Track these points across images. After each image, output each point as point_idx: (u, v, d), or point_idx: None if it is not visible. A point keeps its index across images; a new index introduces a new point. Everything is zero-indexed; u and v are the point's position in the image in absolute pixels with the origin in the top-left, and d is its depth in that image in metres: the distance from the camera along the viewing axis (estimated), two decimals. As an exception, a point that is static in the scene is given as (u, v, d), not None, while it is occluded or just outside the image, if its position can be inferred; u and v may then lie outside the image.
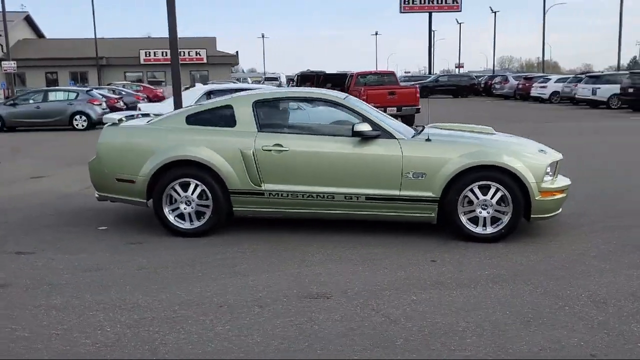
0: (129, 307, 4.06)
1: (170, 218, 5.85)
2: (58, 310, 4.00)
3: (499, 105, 31.69)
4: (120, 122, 6.18)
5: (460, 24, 73.14)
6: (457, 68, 76.87)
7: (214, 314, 3.91)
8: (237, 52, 52.99)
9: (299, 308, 4.01)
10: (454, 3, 53.16)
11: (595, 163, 10.40)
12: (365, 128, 5.59)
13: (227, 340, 3.52)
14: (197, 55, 48.89)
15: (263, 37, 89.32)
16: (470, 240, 5.52)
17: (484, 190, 5.51)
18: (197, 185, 5.77)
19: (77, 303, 4.13)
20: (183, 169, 5.79)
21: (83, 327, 3.72)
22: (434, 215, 5.64)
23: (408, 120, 16.98)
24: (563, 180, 5.83)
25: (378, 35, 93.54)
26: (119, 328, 3.70)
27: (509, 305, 4.01)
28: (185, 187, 5.79)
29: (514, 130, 7.44)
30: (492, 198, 5.50)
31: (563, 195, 5.72)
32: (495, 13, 62.49)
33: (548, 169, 5.59)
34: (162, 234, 5.91)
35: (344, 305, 4.04)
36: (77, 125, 19.51)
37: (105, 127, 6.15)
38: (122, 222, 6.54)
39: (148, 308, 4.03)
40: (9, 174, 10.27)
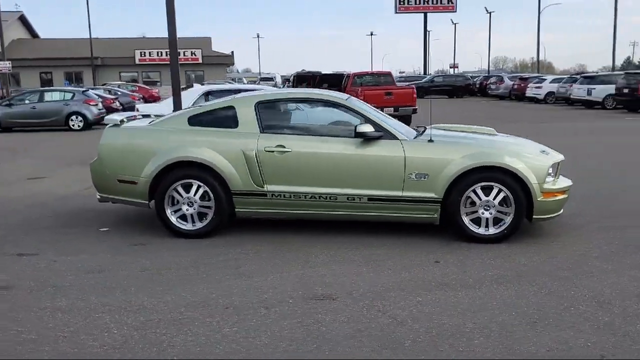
0: (135, 309, 4.05)
1: (173, 219, 5.84)
2: (63, 313, 3.99)
3: (495, 106, 31.76)
4: (122, 123, 6.17)
5: (455, 25, 73.38)
6: (451, 68, 77.03)
7: (220, 316, 3.91)
8: (232, 52, 52.98)
9: (305, 309, 4.01)
10: (449, 3, 53.30)
11: (592, 163, 10.44)
12: (368, 129, 5.60)
13: (234, 342, 3.51)
14: (192, 56, 48.76)
15: (258, 37, 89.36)
16: (473, 241, 5.54)
17: (487, 191, 5.53)
18: (199, 187, 5.76)
19: (82, 305, 4.12)
20: (185, 170, 5.77)
21: (90, 329, 3.71)
22: (437, 216, 5.64)
23: (405, 121, 16.96)
24: (564, 181, 5.85)
25: (373, 36, 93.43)
26: (126, 330, 3.69)
27: (515, 306, 4.02)
28: (188, 188, 5.78)
29: (510, 131, 7.46)
30: (494, 199, 5.52)
31: (564, 196, 5.74)
32: (490, 14, 62.66)
33: (550, 170, 5.61)
34: (163, 235, 5.89)
35: (350, 307, 4.05)
36: (73, 126, 19.45)
37: (107, 128, 6.12)
38: (123, 223, 6.52)
39: (154, 310, 4.03)
40: (7, 175, 10.22)
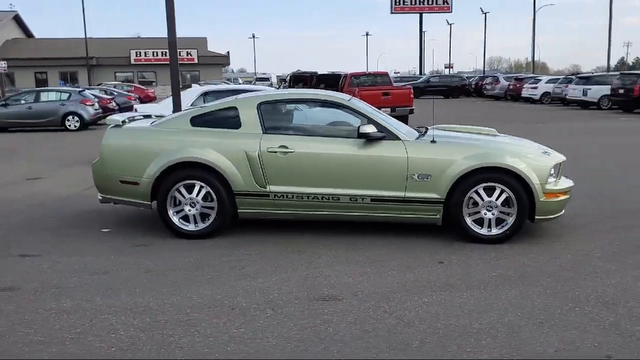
0: (141, 310, 4.04)
1: (175, 220, 5.83)
2: (69, 314, 3.98)
3: (490, 106, 31.82)
4: (124, 123, 6.15)
5: (451, 25, 73.51)
6: (446, 68, 77.22)
7: (227, 317, 3.90)
8: (228, 52, 52.92)
9: (312, 310, 4.01)
10: (445, 4, 53.38)
11: (590, 164, 10.47)
12: (371, 130, 5.61)
13: (242, 343, 3.51)
14: (188, 56, 48.66)
15: (254, 37, 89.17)
16: (475, 242, 5.55)
17: (489, 192, 5.54)
18: (201, 187, 5.75)
19: (87, 306, 4.11)
20: (188, 171, 5.77)
21: (96, 330, 3.71)
22: (439, 217, 5.65)
23: (402, 121, 16.96)
24: (566, 182, 5.87)
25: (368, 36, 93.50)
26: (133, 331, 3.69)
27: (520, 307, 4.04)
28: (190, 188, 5.77)
29: (506, 131, 7.46)
30: (497, 199, 5.53)
31: (566, 197, 5.77)
32: (486, 14, 62.82)
33: (552, 171, 5.63)
34: (165, 236, 5.88)
35: (356, 307, 4.05)
36: (69, 126, 19.37)
37: (109, 128, 6.11)
38: (124, 224, 6.50)
39: (160, 311, 4.02)
40: (5, 175, 10.17)
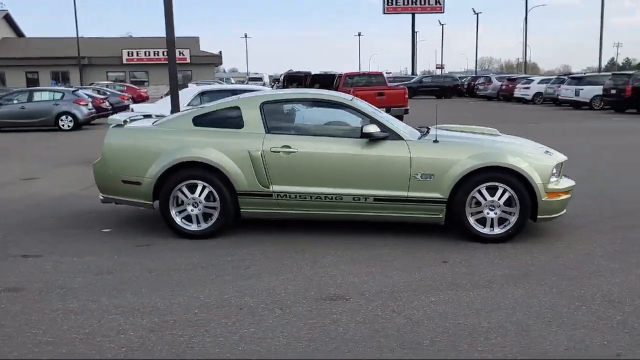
0: (148, 310, 4.02)
1: (177, 220, 5.81)
2: (76, 314, 3.95)
3: (483, 106, 31.94)
4: (126, 123, 6.13)
5: (443, 25, 73.72)
6: (438, 69, 77.41)
7: (236, 317, 3.90)
8: (220, 52, 52.80)
9: (320, 310, 4.01)
10: (437, 4, 53.56)
11: (585, 164, 10.50)
12: (374, 129, 5.61)
13: (253, 343, 3.50)
14: (180, 55, 48.21)
15: (246, 37, 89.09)
16: (478, 241, 5.57)
17: (492, 192, 5.56)
18: (204, 187, 5.74)
19: (94, 307, 4.09)
20: (190, 171, 5.75)
21: (105, 331, 3.69)
22: (442, 216, 5.67)
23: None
24: (567, 181, 5.90)
25: (360, 36, 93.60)
26: (142, 332, 3.67)
27: (527, 306, 4.06)
28: (193, 188, 5.76)
29: (499, 131, 7.46)
30: (499, 199, 5.55)
31: (568, 196, 5.80)
32: (478, 15, 63.04)
33: (554, 170, 5.66)
34: (167, 236, 5.86)
35: (364, 307, 4.05)
36: (63, 126, 19.24)
37: (111, 128, 6.08)
38: (125, 224, 6.47)
39: (167, 311, 4.01)
40: (0, 176, 10.09)
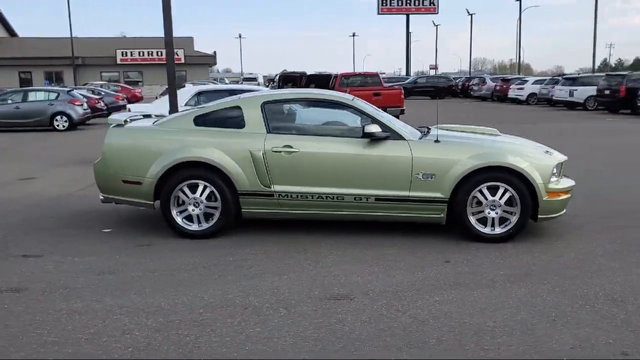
0: (153, 310, 4.01)
1: (179, 220, 5.80)
2: (80, 315, 3.94)
3: (477, 107, 32.03)
4: (126, 123, 6.11)
5: (437, 26, 73.86)
6: (431, 69, 77.51)
7: (241, 316, 3.89)
8: (214, 52, 52.73)
9: (325, 309, 4.01)
10: (431, 5, 53.73)
11: (580, 164, 10.52)
12: (376, 129, 5.62)
13: (260, 343, 3.50)
14: (174, 55, 48.25)
15: (240, 37, 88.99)
16: (479, 241, 5.58)
17: (493, 191, 5.58)
18: (205, 187, 5.73)
19: (98, 307, 4.07)
20: (191, 171, 5.74)
21: (110, 331, 3.68)
22: (443, 216, 5.68)
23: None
24: (567, 181, 5.93)
25: (354, 37, 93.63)
26: (148, 332, 3.66)
27: (531, 305, 4.07)
28: (194, 188, 5.75)
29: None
30: (500, 199, 5.57)
31: (568, 196, 5.83)
32: (472, 15, 63.21)
33: (554, 170, 5.69)
34: (167, 236, 5.85)
35: (369, 307, 4.06)
36: (57, 126, 19.15)
37: (111, 128, 6.06)
38: (125, 224, 6.45)
39: (172, 311, 4.00)
40: (-3, 176, 10.05)
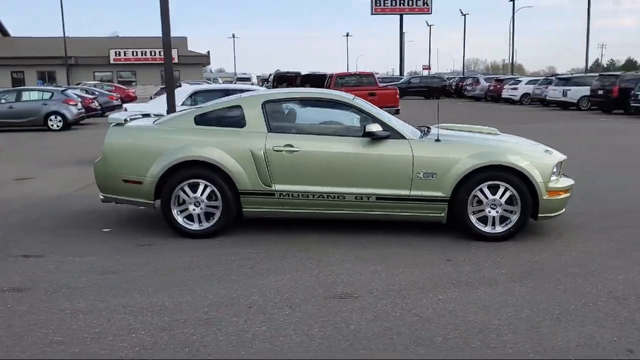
0: (157, 309, 4.00)
1: (179, 219, 5.79)
2: (85, 314, 3.93)
3: (471, 107, 32.11)
4: (126, 122, 6.09)
5: (431, 26, 74.07)
6: (424, 69, 77.65)
7: (246, 315, 3.89)
8: (208, 52, 52.65)
9: (330, 308, 4.01)
10: (425, 5, 53.80)
11: (577, 164, 10.58)
12: (377, 128, 5.63)
13: (267, 342, 3.50)
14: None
15: (234, 37, 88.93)
16: (480, 240, 5.60)
17: (493, 190, 5.60)
18: (206, 186, 5.72)
19: (102, 306, 4.06)
20: (192, 170, 5.73)
21: (116, 330, 3.66)
22: (444, 215, 5.70)
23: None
24: (567, 180, 5.96)
25: (347, 37, 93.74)
26: (154, 331, 3.65)
27: (535, 303, 4.09)
28: (194, 188, 5.74)
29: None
30: (501, 197, 5.59)
31: (568, 195, 5.86)
32: (465, 16, 63.42)
33: (554, 169, 5.71)
34: (167, 236, 5.84)
35: (373, 305, 4.06)
36: (52, 126, 19.06)
37: (111, 127, 6.04)
38: (124, 224, 6.43)
39: (177, 310, 3.99)
40: (-7, 176, 9.99)
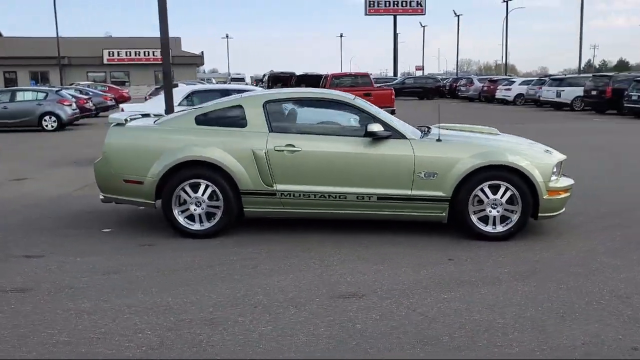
0: (162, 309, 4.00)
1: (180, 219, 5.78)
2: (89, 314, 3.91)
3: (465, 107, 32.19)
4: (126, 122, 6.07)
5: (424, 27, 74.22)
6: (417, 70, 77.82)
7: (252, 315, 3.89)
8: (202, 52, 52.56)
9: (335, 307, 4.02)
10: (418, 6, 53.83)
11: (573, 164, 10.61)
12: (378, 128, 5.64)
13: (274, 341, 3.50)
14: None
15: (227, 37, 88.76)
16: (481, 239, 5.62)
17: (494, 190, 5.62)
18: (207, 186, 5.71)
19: (106, 306, 4.05)
20: (193, 170, 5.72)
21: (122, 330, 3.66)
22: (445, 215, 5.72)
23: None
24: (567, 180, 5.99)
25: (339, 38, 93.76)
26: (160, 331, 3.65)
27: (539, 302, 4.11)
28: (196, 188, 5.73)
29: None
30: (501, 197, 5.62)
31: (568, 194, 5.89)
32: (459, 16, 63.58)
33: (554, 169, 5.74)
34: (168, 236, 5.83)
35: (378, 305, 4.07)
36: (46, 126, 18.96)
37: (112, 127, 6.02)
38: (125, 224, 6.42)
39: (182, 310, 3.98)
40: (-11, 176, 9.93)
